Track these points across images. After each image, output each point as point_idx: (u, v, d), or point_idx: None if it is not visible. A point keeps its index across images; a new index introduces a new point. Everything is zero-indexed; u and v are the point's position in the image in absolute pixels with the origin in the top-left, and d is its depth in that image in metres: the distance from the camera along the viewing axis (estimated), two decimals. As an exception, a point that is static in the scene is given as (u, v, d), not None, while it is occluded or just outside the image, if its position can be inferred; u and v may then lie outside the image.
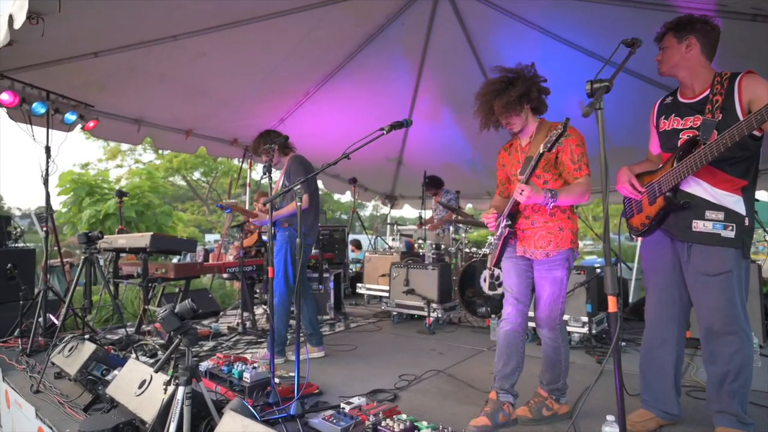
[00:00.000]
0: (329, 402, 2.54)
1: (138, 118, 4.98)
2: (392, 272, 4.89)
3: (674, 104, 2.12)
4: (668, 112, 2.13)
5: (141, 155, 18.25)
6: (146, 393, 1.98)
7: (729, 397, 1.95)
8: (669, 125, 2.11)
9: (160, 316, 1.68)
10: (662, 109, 2.18)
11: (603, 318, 3.93)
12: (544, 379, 2.35)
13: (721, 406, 1.99)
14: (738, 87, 1.90)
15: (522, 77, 2.19)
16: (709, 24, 2.00)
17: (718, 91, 1.94)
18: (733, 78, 1.93)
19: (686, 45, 2.00)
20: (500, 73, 2.26)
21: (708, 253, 1.95)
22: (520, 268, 2.34)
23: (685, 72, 2.04)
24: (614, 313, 1.52)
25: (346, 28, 4.44)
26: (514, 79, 2.19)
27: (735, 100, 1.90)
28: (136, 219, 8.41)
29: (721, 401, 1.99)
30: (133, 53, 3.98)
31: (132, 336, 3.80)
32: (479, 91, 2.32)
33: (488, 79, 2.31)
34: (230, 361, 2.81)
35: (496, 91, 2.21)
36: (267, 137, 3.52)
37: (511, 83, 2.18)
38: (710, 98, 1.96)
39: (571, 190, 2.14)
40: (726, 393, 1.96)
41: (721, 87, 1.93)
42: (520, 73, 2.21)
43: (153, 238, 3.55)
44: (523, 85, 2.17)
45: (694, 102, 2.03)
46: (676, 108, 2.10)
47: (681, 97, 2.11)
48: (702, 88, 2.01)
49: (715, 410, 2.02)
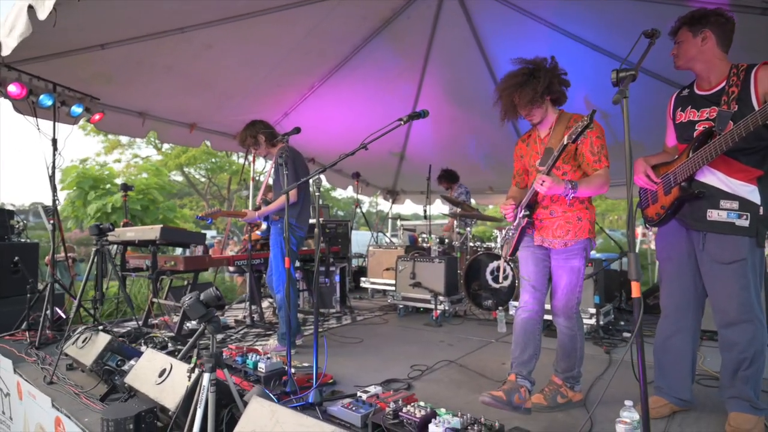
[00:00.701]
0: (345, 391, 2.56)
1: (143, 111, 4.96)
2: (398, 265, 4.91)
3: (690, 96, 2.15)
4: (684, 105, 2.16)
5: (140, 149, 18.18)
6: (167, 381, 1.99)
7: (743, 383, 1.99)
8: (685, 117, 2.14)
9: (186, 303, 1.69)
10: (678, 101, 2.21)
11: (610, 309, 3.97)
12: (559, 368, 2.38)
13: (735, 392, 2.02)
14: (754, 78, 1.92)
15: (543, 69, 2.20)
16: (723, 16, 2.02)
17: (734, 83, 1.96)
18: (749, 69, 1.95)
19: (702, 38, 2.02)
20: (520, 65, 2.27)
21: (722, 241, 1.98)
22: (538, 258, 2.36)
23: (701, 65, 2.06)
24: (637, 299, 1.54)
25: (353, 21, 4.43)
26: (536, 71, 2.20)
27: (751, 92, 1.92)
28: (141, 213, 8.42)
29: (734, 387, 2.02)
30: (141, 45, 3.96)
31: (139, 329, 3.80)
32: (500, 84, 2.33)
33: (509, 72, 2.31)
34: (243, 352, 2.83)
35: (518, 84, 2.21)
36: (253, 128, 3.48)
37: (533, 75, 2.19)
38: (726, 90, 1.98)
39: (590, 181, 2.17)
40: (740, 379, 1.99)
41: (737, 78, 1.95)
42: (540, 65, 2.22)
43: (163, 230, 3.55)
44: (546, 77, 2.18)
45: (710, 94, 2.05)
46: (693, 100, 2.13)
47: (697, 90, 2.13)
48: (718, 80, 2.03)
49: (728, 396, 2.05)
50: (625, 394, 2.46)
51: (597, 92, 4.78)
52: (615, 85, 1.62)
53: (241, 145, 3.61)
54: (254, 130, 3.47)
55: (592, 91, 4.83)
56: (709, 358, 3.09)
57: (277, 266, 3.40)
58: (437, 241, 5.16)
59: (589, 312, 3.68)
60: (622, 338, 3.65)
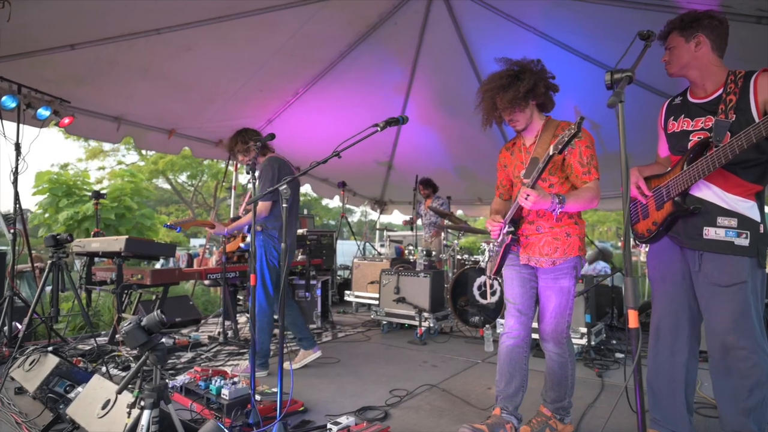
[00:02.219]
0: (315, 421, 2.35)
1: (118, 116, 4.76)
2: (382, 279, 4.71)
3: (684, 105, 1.99)
4: (677, 113, 2.00)
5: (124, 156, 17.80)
6: (110, 415, 1.77)
7: (744, 415, 1.81)
8: (678, 127, 1.98)
9: (123, 330, 1.48)
10: (671, 109, 2.05)
11: (602, 328, 3.80)
12: (547, 397, 2.19)
13: (735, 426, 1.85)
14: (753, 86, 1.77)
15: (529, 71, 2.04)
16: (716, 18, 1.87)
17: (731, 90, 1.81)
18: (747, 76, 1.80)
19: (695, 43, 1.87)
20: (505, 65, 2.10)
21: (721, 262, 1.81)
22: (523, 278, 2.17)
23: (695, 72, 1.91)
24: (635, 329, 1.36)
25: (338, 26, 4.29)
26: (520, 73, 2.03)
27: (750, 100, 1.77)
28: (116, 222, 8.09)
29: (735, 420, 1.84)
30: (114, 46, 3.79)
31: (104, 347, 3.56)
32: (483, 85, 2.16)
33: (493, 73, 2.14)
34: (208, 376, 2.60)
35: (501, 86, 2.04)
36: (245, 135, 3.32)
37: (517, 77, 2.03)
38: (723, 98, 1.83)
39: (579, 195, 2.00)
40: (740, 411, 1.81)
41: (735, 86, 1.81)
42: (526, 67, 2.05)
43: (128, 242, 3.33)
44: (531, 79, 2.01)
45: (706, 102, 1.90)
46: (686, 109, 1.97)
47: (691, 97, 1.98)
48: (714, 87, 1.88)
49: (728, 430, 1.88)
50: (619, 425, 2.29)
51: (587, 102, 4.67)
52: (609, 88, 1.47)
53: (230, 152, 3.42)
54: (245, 137, 3.30)
55: (581, 101, 4.72)
56: (707, 383, 2.92)
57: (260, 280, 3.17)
58: (423, 253, 4.98)
59: (580, 332, 3.50)
60: (615, 359, 3.47)
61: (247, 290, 4.69)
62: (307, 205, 18.47)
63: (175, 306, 4.66)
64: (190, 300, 5.07)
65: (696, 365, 2.04)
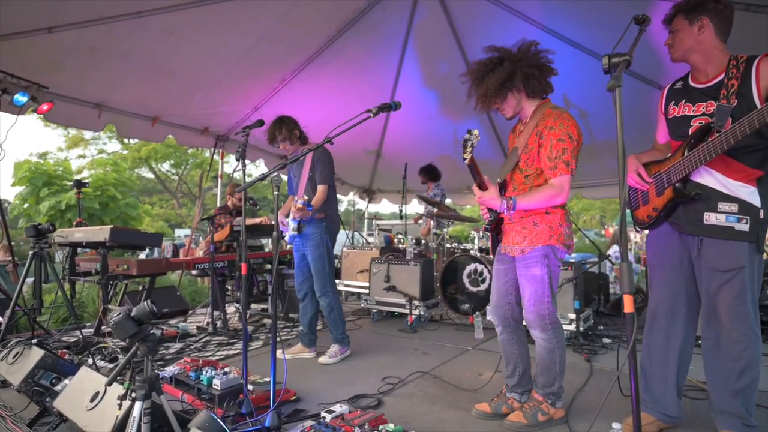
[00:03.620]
0: (308, 410, 2.34)
1: (99, 103, 4.61)
2: (372, 268, 4.70)
3: (685, 89, 1.99)
4: (678, 98, 2.00)
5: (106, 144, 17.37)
6: (99, 407, 1.74)
7: (733, 396, 1.86)
8: (679, 111, 1.97)
9: (112, 320, 1.44)
10: (671, 94, 2.04)
11: (590, 314, 3.86)
12: (538, 383, 2.22)
13: (724, 407, 1.89)
14: (756, 71, 1.77)
15: (509, 60, 2.03)
16: (721, 3, 1.85)
17: (733, 75, 1.80)
18: (750, 61, 1.79)
19: (699, 27, 1.85)
20: (489, 53, 2.10)
21: (721, 247, 1.83)
22: (500, 271, 2.29)
23: (698, 56, 1.90)
24: (630, 314, 1.37)
25: (325, 10, 4.20)
26: (498, 63, 2.04)
27: (752, 85, 1.76)
28: (100, 211, 7.90)
29: (723, 401, 1.89)
30: (94, 30, 3.65)
31: (90, 338, 3.49)
32: (468, 74, 2.16)
33: (476, 61, 2.15)
34: (198, 366, 2.57)
35: (478, 77, 2.08)
36: (290, 122, 3.29)
37: (494, 68, 2.04)
38: (725, 83, 1.82)
39: (534, 195, 2.04)
40: (730, 392, 1.86)
41: (737, 71, 1.80)
42: (507, 55, 2.05)
43: (113, 231, 3.25)
44: (506, 70, 2.01)
45: (708, 87, 1.89)
46: (687, 93, 1.96)
47: (693, 82, 1.97)
48: (716, 72, 1.87)
49: (717, 411, 1.92)
50: (607, 409, 2.33)
51: (576, 90, 4.69)
52: (607, 72, 1.45)
53: (271, 140, 3.34)
54: (291, 125, 3.28)
55: (571, 90, 4.72)
56: (692, 366, 2.98)
57: (323, 269, 3.22)
58: (413, 242, 4.97)
59: (568, 318, 3.54)
60: (603, 344, 3.53)
61: (236, 280, 4.64)
62: (294, 195, 18.30)
63: (162, 297, 4.59)
64: (177, 291, 5.00)
65: (690, 350, 2.08)
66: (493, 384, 2.66)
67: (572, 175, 2.05)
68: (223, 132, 5.89)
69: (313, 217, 3.20)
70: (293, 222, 3.26)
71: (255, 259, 4.56)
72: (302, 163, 3.33)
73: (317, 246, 3.22)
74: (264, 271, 4.90)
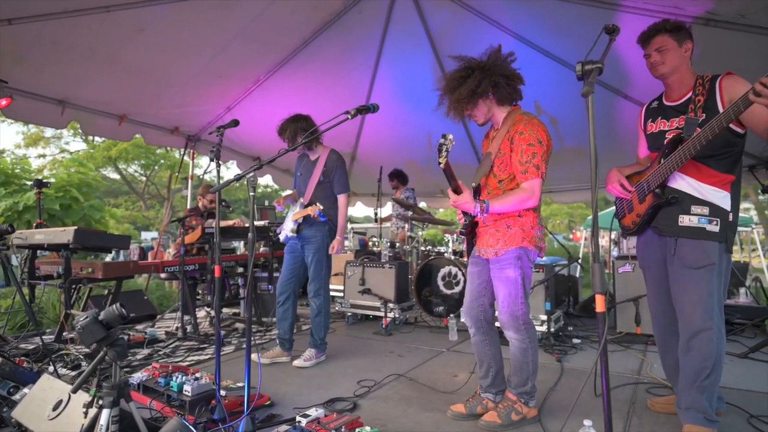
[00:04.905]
0: (282, 415, 2.31)
1: (62, 99, 4.42)
2: (347, 271, 4.68)
3: (660, 108, 2.17)
4: (655, 116, 2.17)
5: (68, 143, 16.63)
6: (62, 416, 1.66)
7: (699, 392, 1.95)
8: (656, 127, 2.15)
9: (78, 324, 1.38)
10: (649, 113, 2.22)
11: (560, 315, 3.95)
12: (512, 382, 2.25)
13: (690, 403, 1.98)
14: (719, 87, 1.95)
15: (478, 69, 2.11)
16: (690, 29, 2.05)
17: (700, 92, 1.98)
18: (714, 79, 1.98)
19: (685, 49, 2.02)
20: (459, 63, 2.20)
21: (693, 245, 1.97)
22: (474, 273, 2.33)
23: (678, 75, 2.05)
24: (602, 313, 1.41)
25: (302, 11, 4.17)
26: (469, 74, 2.12)
27: (717, 100, 1.94)
28: (61, 213, 7.54)
29: (690, 397, 1.98)
30: (57, 23, 3.50)
31: (51, 345, 3.34)
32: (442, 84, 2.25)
33: (448, 72, 2.26)
34: (168, 372, 2.49)
35: (450, 87, 2.16)
36: (306, 122, 3.23)
37: (465, 78, 2.12)
38: (693, 99, 2.00)
39: (506, 199, 2.10)
40: (697, 389, 1.95)
41: (703, 88, 1.98)
42: (477, 66, 2.13)
43: (77, 233, 3.12)
44: (476, 79, 2.10)
45: (679, 104, 2.07)
46: (663, 111, 2.14)
47: (666, 101, 2.15)
48: (685, 90, 2.05)
49: (684, 407, 2.00)
50: (578, 407, 2.39)
51: (547, 98, 4.80)
52: (580, 79, 1.50)
53: (285, 137, 3.25)
54: (307, 125, 3.21)
55: (542, 97, 4.85)
56: (656, 364, 3.10)
57: (320, 272, 3.22)
58: (387, 244, 4.98)
59: (540, 319, 3.62)
60: (573, 345, 3.62)
61: (207, 283, 4.53)
62: (267, 197, 18.08)
63: (129, 301, 4.43)
64: (144, 295, 4.84)
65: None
66: (468, 385, 2.69)
67: (542, 178, 2.12)
68: (194, 132, 5.75)
69: (317, 220, 3.19)
70: (293, 224, 3.23)
71: (227, 262, 4.47)
72: (314, 164, 3.33)
73: (318, 249, 3.22)
74: (236, 274, 4.80)
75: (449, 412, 2.32)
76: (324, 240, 3.23)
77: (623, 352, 3.45)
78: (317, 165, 3.30)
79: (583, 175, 6.17)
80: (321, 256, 3.22)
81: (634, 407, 2.40)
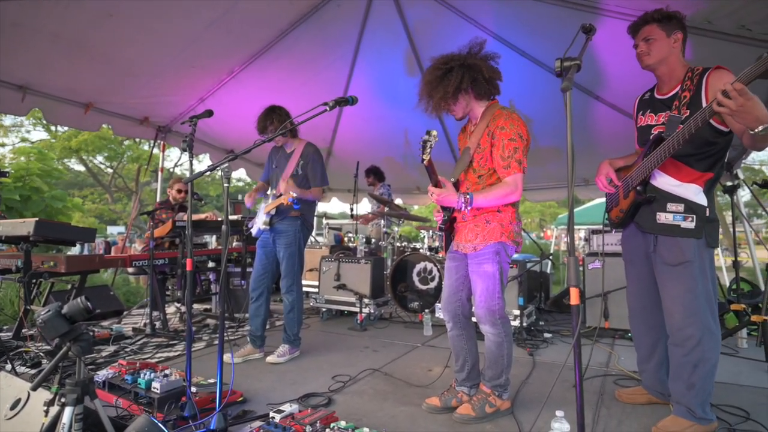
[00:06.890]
0: (256, 411, 2.26)
1: (23, 85, 4.21)
2: (322, 266, 4.64)
3: (650, 100, 2.15)
4: (645, 108, 2.16)
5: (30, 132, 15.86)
6: (21, 416, 1.57)
7: (685, 388, 1.97)
8: (645, 121, 2.14)
9: (40, 318, 1.31)
10: (640, 104, 2.21)
11: (533, 310, 4.03)
12: (486, 375, 2.28)
13: (676, 395, 2.03)
14: (705, 83, 1.90)
15: (458, 66, 2.12)
16: (684, 19, 2.00)
17: (687, 87, 1.94)
18: (703, 74, 1.92)
19: (674, 39, 1.98)
20: (438, 61, 2.19)
21: (669, 243, 1.99)
22: (452, 268, 2.34)
23: (665, 67, 2.02)
24: (576, 306, 1.44)
25: (278, 3, 4.09)
26: (450, 70, 2.12)
27: (702, 97, 1.90)
28: (20, 204, 7.17)
29: (678, 393, 2.01)
30: (17, 5, 3.32)
31: (8, 342, 3.18)
32: (421, 80, 2.25)
33: (428, 68, 2.25)
34: (135, 369, 2.41)
35: (431, 83, 2.16)
36: (281, 113, 3.16)
37: (446, 75, 2.12)
38: (679, 94, 1.97)
39: (490, 192, 2.11)
40: (685, 385, 1.97)
41: (691, 83, 1.94)
42: (457, 62, 2.13)
43: (38, 225, 2.97)
44: (457, 76, 2.11)
45: (667, 98, 2.05)
46: (652, 104, 2.13)
47: (656, 93, 2.13)
48: (675, 83, 2.02)
49: (674, 400, 2.05)
50: (550, 399, 2.44)
51: (522, 97, 4.87)
52: (558, 76, 1.52)
53: (262, 130, 3.17)
54: (282, 116, 3.14)
55: (517, 96, 4.91)
56: (624, 357, 3.20)
57: (293, 267, 3.16)
58: (363, 240, 4.97)
59: (513, 314, 3.68)
60: (544, 339, 3.69)
61: (177, 278, 4.41)
62: (241, 191, 17.75)
63: (94, 296, 4.25)
64: (110, 290, 4.67)
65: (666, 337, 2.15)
66: (442, 379, 2.71)
67: (524, 173, 2.14)
68: (165, 123, 5.58)
69: (289, 213, 3.13)
70: (266, 216, 3.17)
71: (198, 256, 4.36)
72: (288, 156, 3.28)
73: (290, 244, 3.17)
74: (207, 269, 4.69)
75: (424, 405, 2.33)
76: (296, 234, 3.19)
77: (591, 345, 3.54)
78: (292, 157, 3.25)
79: (557, 174, 6.30)
80: (293, 251, 3.18)
81: (602, 398, 2.46)
